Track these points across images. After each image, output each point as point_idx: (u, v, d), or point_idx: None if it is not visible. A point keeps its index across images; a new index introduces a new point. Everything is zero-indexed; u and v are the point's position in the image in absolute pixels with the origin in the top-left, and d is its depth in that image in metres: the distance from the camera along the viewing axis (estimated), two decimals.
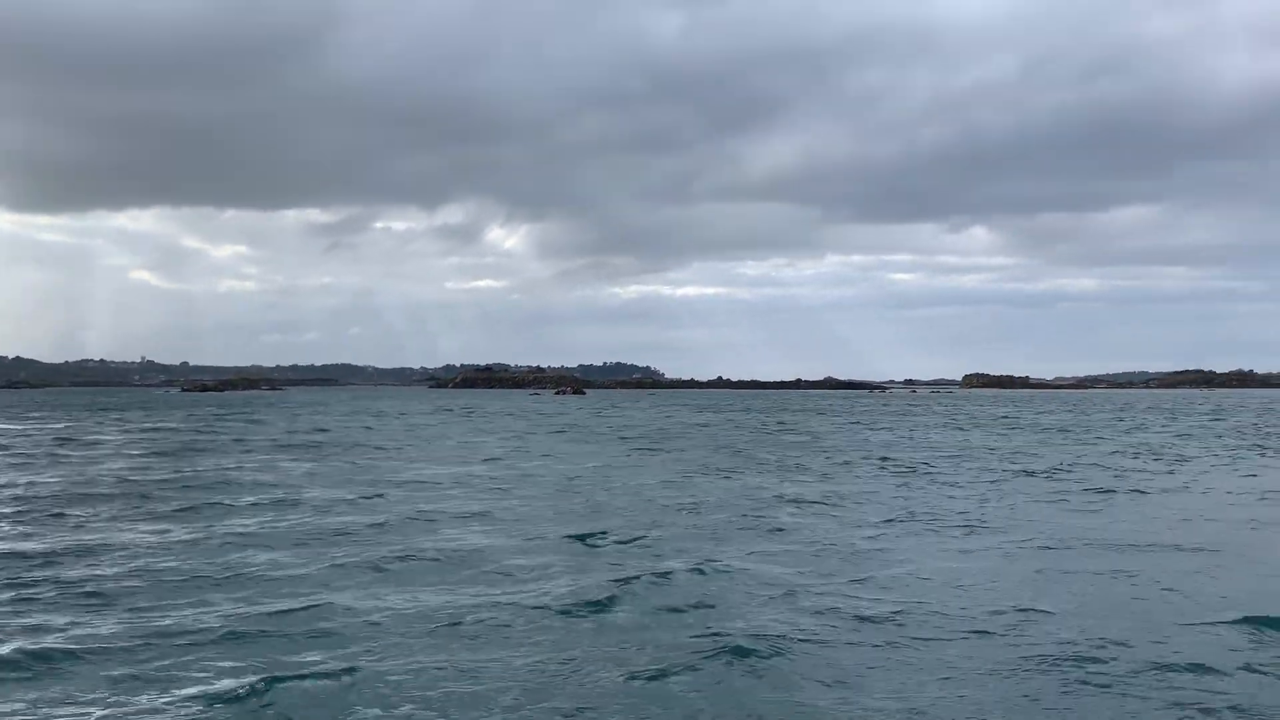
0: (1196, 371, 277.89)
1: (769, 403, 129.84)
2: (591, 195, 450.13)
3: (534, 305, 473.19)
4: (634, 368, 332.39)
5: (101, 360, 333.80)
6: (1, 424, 64.02)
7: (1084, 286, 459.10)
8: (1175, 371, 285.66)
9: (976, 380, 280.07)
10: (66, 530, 18.91)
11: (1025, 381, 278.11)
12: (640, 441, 47.24)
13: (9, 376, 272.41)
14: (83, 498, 23.85)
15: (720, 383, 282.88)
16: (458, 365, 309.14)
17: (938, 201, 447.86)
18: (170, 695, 9.41)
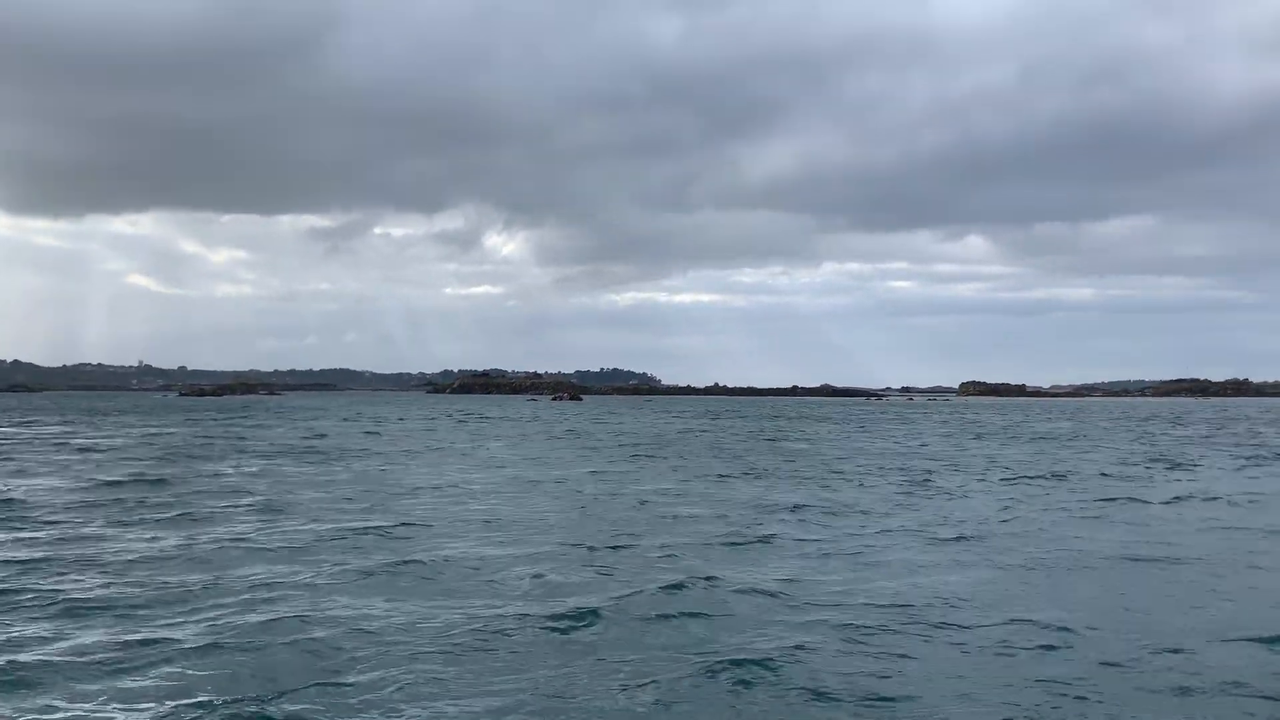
0: (1192, 380, 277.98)
1: (766, 409, 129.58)
2: (590, 201, 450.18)
3: (531, 311, 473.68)
4: (631, 374, 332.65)
5: (99, 364, 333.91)
6: None
7: (1080, 295, 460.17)
8: (1171, 380, 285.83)
9: (973, 388, 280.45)
10: (55, 537, 18.53)
11: (1021, 390, 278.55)
12: (637, 448, 46.90)
13: (6, 380, 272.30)
14: (74, 503, 23.49)
15: (717, 389, 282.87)
16: (455, 371, 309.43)
17: (934, 209, 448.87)
18: (151, 709, 9.06)
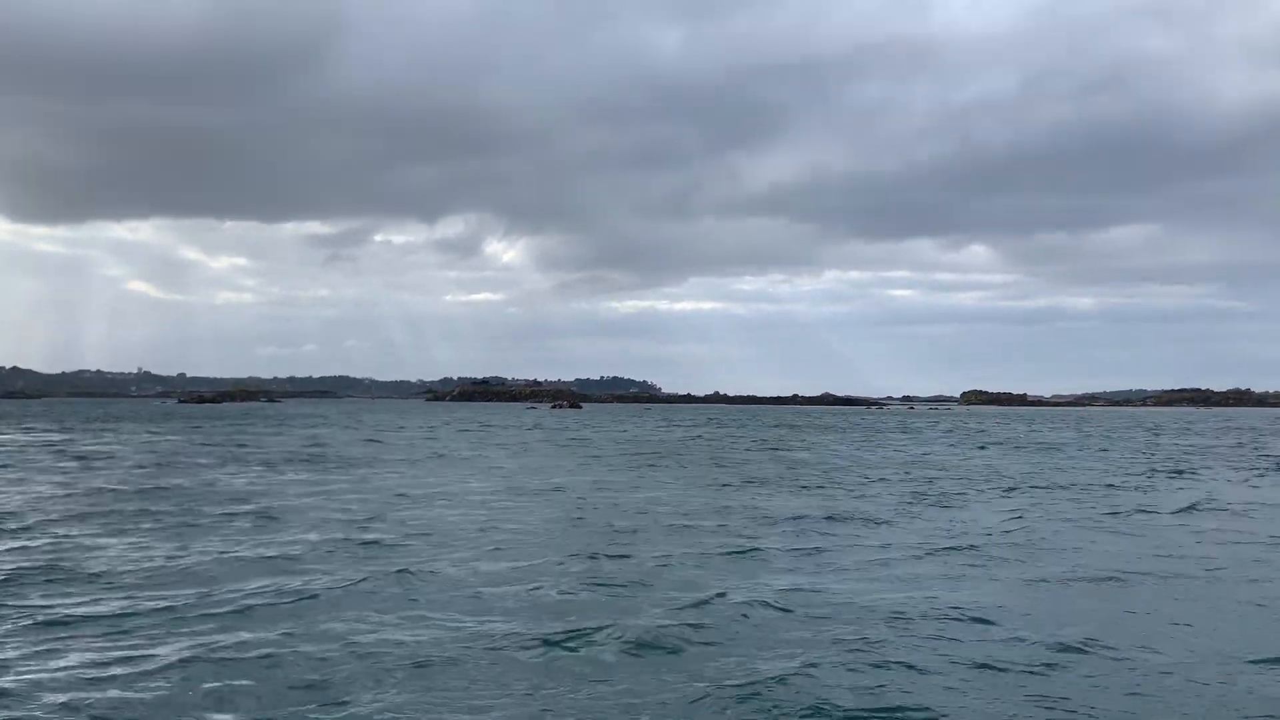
0: (1194, 390, 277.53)
1: (767, 418, 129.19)
2: (591, 209, 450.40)
3: (532, 318, 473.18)
4: (631, 382, 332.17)
5: (98, 371, 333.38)
6: None
7: (1081, 304, 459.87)
8: (1172, 390, 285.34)
9: (975, 397, 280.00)
10: (47, 546, 18.24)
11: (1023, 399, 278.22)
12: (638, 456, 46.63)
13: (6, 386, 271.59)
14: (69, 513, 23.19)
15: (717, 397, 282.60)
16: (455, 378, 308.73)
17: (936, 218, 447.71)
18: None
